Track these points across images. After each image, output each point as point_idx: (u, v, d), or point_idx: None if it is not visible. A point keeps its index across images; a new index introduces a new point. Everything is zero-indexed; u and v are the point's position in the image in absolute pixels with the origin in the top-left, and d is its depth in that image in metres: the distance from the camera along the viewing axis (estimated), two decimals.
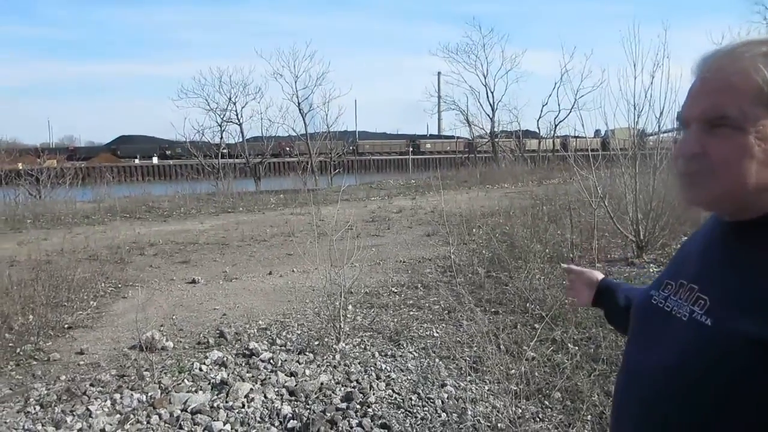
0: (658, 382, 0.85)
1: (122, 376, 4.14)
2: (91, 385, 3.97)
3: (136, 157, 45.77)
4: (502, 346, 4.10)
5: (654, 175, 7.20)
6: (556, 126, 33.26)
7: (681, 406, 0.81)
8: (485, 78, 33.04)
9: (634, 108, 7.50)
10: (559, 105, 33.61)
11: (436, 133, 59.75)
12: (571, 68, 42.26)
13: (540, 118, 33.91)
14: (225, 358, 4.31)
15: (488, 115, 33.83)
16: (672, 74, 7.12)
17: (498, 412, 3.27)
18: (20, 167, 23.20)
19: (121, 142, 52.64)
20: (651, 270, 6.40)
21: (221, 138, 26.75)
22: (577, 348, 4.10)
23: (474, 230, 9.50)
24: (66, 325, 5.42)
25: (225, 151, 27.06)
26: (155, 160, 43.81)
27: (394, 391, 3.65)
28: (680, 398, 0.81)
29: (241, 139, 27.27)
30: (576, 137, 30.83)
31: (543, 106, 33.25)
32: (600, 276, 1.37)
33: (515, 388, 3.39)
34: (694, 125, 0.83)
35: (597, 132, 28.75)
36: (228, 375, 4.01)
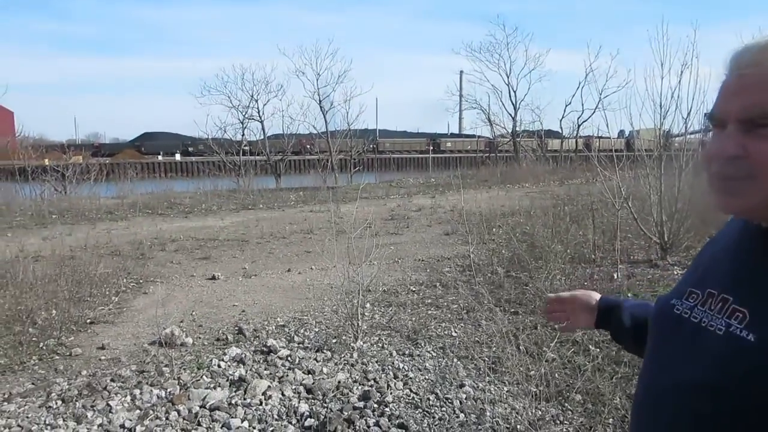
0: (690, 401, 0.79)
1: (142, 372, 4.18)
2: (112, 380, 4.02)
3: (159, 154, 46.40)
4: (521, 347, 4.04)
5: (680, 177, 7.05)
6: (579, 126, 32.86)
7: (717, 427, 0.75)
8: (508, 77, 32.77)
9: (660, 108, 7.36)
10: (582, 105, 33.23)
11: (457, 132, 59.56)
12: (596, 68, 41.52)
13: (563, 117, 33.52)
14: (243, 355, 4.32)
15: (510, 115, 33.56)
16: (701, 75, 6.96)
17: (517, 413, 3.22)
18: (47, 163, 23.65)
19: (145, 139, 53.42)
20: (675, 272, 6.27)
21: (243, 135, 26.97)
22: (598, 350, 4.02)
23: (494, 229, 9.42)
24: (88, 320, 5.49)
25: (246, 148, 27.25)
26: (178, 156, 44.35)
27: (411, 390, 3.63)
28: (717, 420, 0.75)
29: (262, 137, 27.44)
30: (599, 137, 30.46)
31: (566, 105, 32.88)
32: (596, 296, 1.28)
33: (535, 390, 3.34)
34: (732, 125, 0.76)
35: (621, 132, 28.35)
36: (246, 372, 4.02)
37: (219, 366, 4.17)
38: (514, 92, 32.93)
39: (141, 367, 4.29)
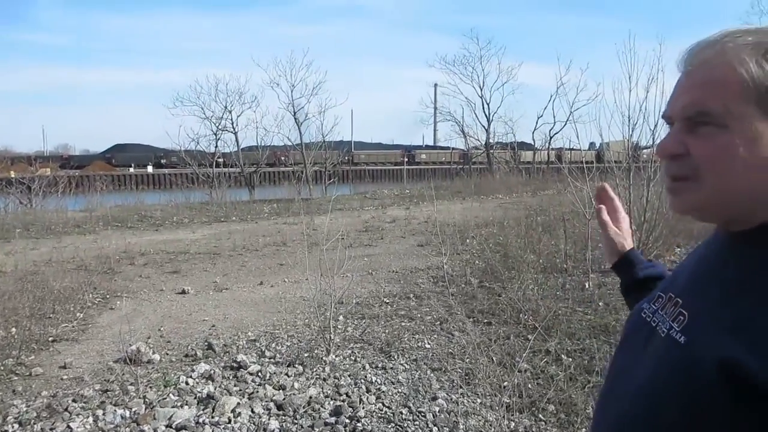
0: (630, 405, 0.77)
1: (106, 391, 4.03)
2: (74, 400, 3.87)
3: (131, 166, 45.65)
4: (494, 358, 4.02)
5: (648, 187, 7.17)
6: (551, 138, 33.40)
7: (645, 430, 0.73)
8: (481, 89, 33.22)
9: (629, 120, 7.51)
10: (554, 117, 33.83)
11: (432, 143, 59.89)
12: (567, 81, 42.36)
13: (535, 130, 34.06)
14: (212, 371, 4.21)
15: (484, 127, 33.97)
16: (667, 88, 7.11)
17: (490, 425, 3.19)
18: (12, 175, 23.05)
19: (116, 151, 52.55)
20: None
21: (216, 147, 26.67)
22: (570, 359, 4.03)
23: (467, 240, 9.44)
24: (50, 338, 5.31)
25: (220, 160, 26.95)
26: (150, 168, 43.68)
27: (384, 404, 3.57)
28: (645, 423, 0.73)
29: (236, 148, 27.19)
30: (571, 149, 30.97)
31: (538, 118, 33.40)
32: (631, 243, 1.25)
33: (508, 401, 3.32)
34: (677, 123, 0.76)
35: (591, 144, 28.88)
36: (215, 389, 3.92)
37: (187, 383, 4.05)
38: (488, 105, 33.41)
39: (105, 386, 4.14)
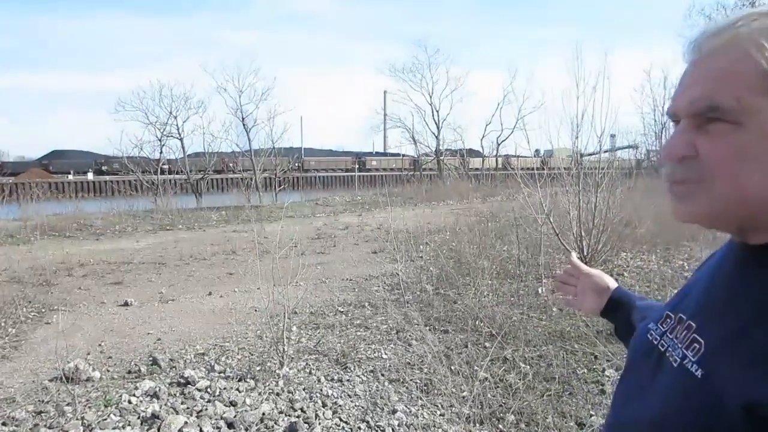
0: None
1: (40, 413, 3.74)
2: (3, 424, 3.56)
3: (69, 173, 43.65)
4: (453, 367, 3.96)
5: (596, 193, 7.33)
6: (498, 145, 34.08)
7: None
8: (431, 97, 33.61)
9: (577, 127, 7.67)
10: (501, 125, 34.51)
11: (382, 150, 60.09)
12: (513, 90, 43.45)
13: (483, 137, 34.71)
14: (157, 389, 3.97)
15: (433, 134, 34.38)
16: (612, 96, 7.32)
17: None
18: None
19: (54, 157, 50.20)
20: None
21: (161, 153, 25.84)
22: (528, 367, 4.01)
23: (421, 247, 9.42)
24: None
25: (165, 166, 26.12)
26: (90, 175, 41.91)
27: (341, 419, 3.44)
28: None
29: (182, 155, 26.42)
30: (518, 156, 31.69)
31: (486, 125, 34.07)
32: (613, 283, 1.17)
33: (468, 412, 3.25)
34: (684, 121, 0.67)
35: (536, 152, 29.62)
36: (160, 407, 3.69)
37: (129, 402, 3.81)
38: (437, 112, 33.81)
39: (39, 407, 3.84)
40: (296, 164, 37.93)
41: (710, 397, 0.60)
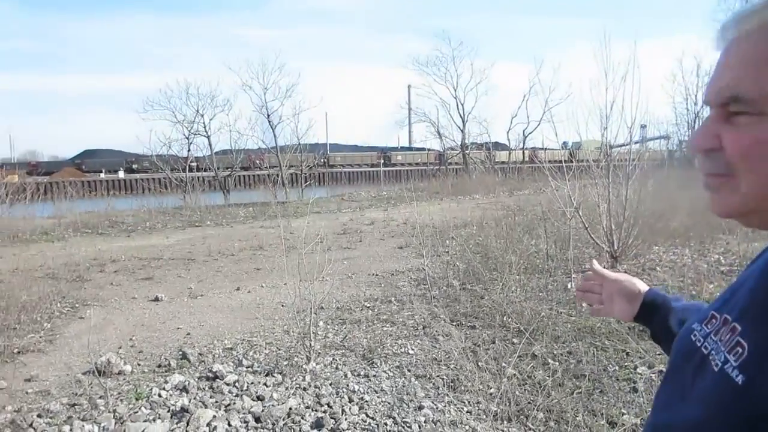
0: None
1: (73, 405, 3.82)
2: (39, 416, 3.65)
3: (101, 171, 44.67)
4: (480, 363, 3.92)
5: (626, 185, 7.16)
6: (525, 137, 33.66)
7: None
8: (455, 90, 33.34)
9: (607, 119, 7.49)
10: (528, 117, 34.07)
11: (408, 145, 59.95)
12: (540, 81, 42.84)
13: (510, 129, 34.34)
14: (187, 383, 4.02)
15: (459, 127, 34.11)
16: (643, 85, 7.14)
17: None
18: None
19: (86, 156, 51.47)
20: None
21: (189, 151, 26.24)
22: (557, 363, 3.94)
23: (447, 242, 9.36)
24: (16, 350, 5.05)
25: (194, 164, 26.52)
26: (121, 173, 42.83)
27: (367, 415, 3.43)
28: None
29: (209, 152, 26.78)
30: (545, 149, 31.26)
31: (512, 117, 33.68)
32: (643, 287, 1.11)
33: (495, 409, 3.21)
34: (712, 111, 0.63)
35: (564, 144, 29.17)
36: (189, 401, 3.73)
37: (160, 395, 3.86)
38: (462, 105, 33.53)
39: (72, 399, 3.93)
40: (322, 160, 38.07)
41: (750, 406, 0.56)
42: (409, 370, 4.11)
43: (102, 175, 42.43)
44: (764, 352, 0.58)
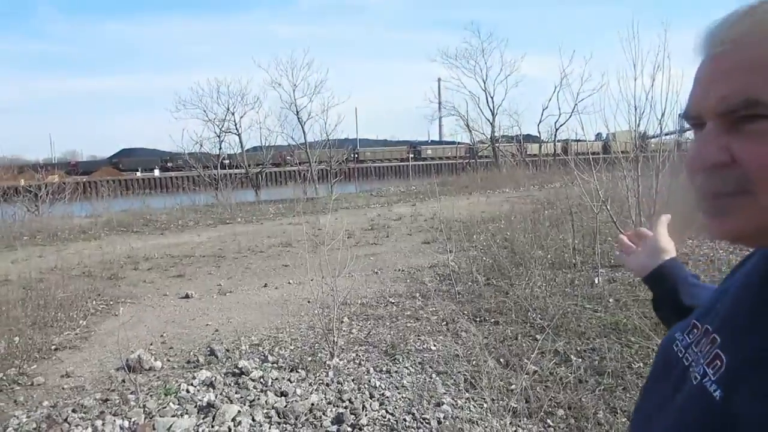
0: None
1: (106, 400, 3.96)
2: (73, 411, 3.80)
3: (137, 170, 45.81)
4: (502, 360, 3.91)
5: (656, 178, 7.00)
6: (556, 130, 33.13)
7: None
8: (485, 83, 32.98)
9: (635, 110, 7.33)
10: (559, 109, 33.60)
11: (437, 139, 59.70)
12: (571, 72, 42.07)
13: (540, 122, 33.86)
14: (213, 378, 4.13)
15: (488, 120, 33.75)
16: (673, 74, 6.94)
17: None
18: (21, 183, 23.14)
19: (123, 156, 52.79)
20: None
21: (220, 149, 26.68)
22: (580, 360, 3.90)
23: (474, 236, 9.31)
24: (53, 347, 5.25)
25: (226, 161, 26.95)
26: (157, 172, 43.83)
27: (387, 411, 3.46)
28: None
29: (240, 150, 27.19)
30: (577, 141, 30.71)
31: (543, 110, 33.18)
32: (669, 252, 1.05)
33: (515, 406, 3.20)
34: (711, 123, 0.58)
35: (598, 135, 28.59)
36: (216, 396, 3.83)
37: (187, 391, 3.98)
38: (492, 98, 33.16)
39: (105, 395, 4.07)
40: (352, 155, 38.23)
41: (728, 423, 0.54)
42: (430, 367, 4.12)
43: (138, 174, 43.52)
44: (741, 368, 0.57)
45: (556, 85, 33.30)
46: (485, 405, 3.38)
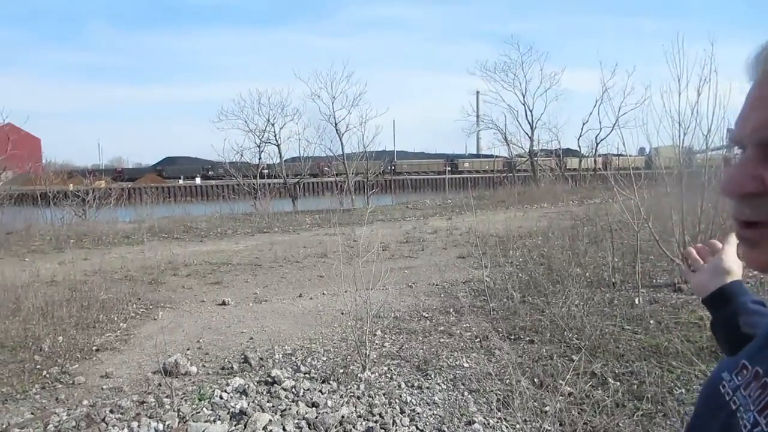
0: None
1: (142, 403, 4.05)
2: (111, 411, 3.90)
3: (180, 178, 47.02)
4: (536, 380, 3.83)
5: (702, 195, 6.78)
6: (597, 144, 32.49)
7: None
8: (524, 96, 32.60)
9: (680, 125, 7.13)
10: (600, 123, 32.83)
11: (475, 152, 59.33)
12: (612, 85, 41.31)
13: (581, 136, 33.20)
14: (246, 386, 4.17)
15: (527, 134, 33.33)
16: (720, 89, 6.73)
17: None
18: (71, 188, 24.03)
19: (167, 164, 54.30)
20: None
21: (260, 158, 27.17)
22: (618, 383, 3.79)
23: (510, 252, 9.19)
24: (94, 347, 5.41)
25: (265, 171, 27.41)
26: (198, 180, 44.88)
27: (417, 427, 3.43)
28: None
29: (279, 160, 27.62)
30: (618, 156, 30.04)
31: (584, 124, 32.55)
32: (734, 274, 1.01)
33: (549, 428, 3.13)
34: (749, 150, 0.57)
35: (641, 150, 27.91)
36: (248, 404, 3.87)
37: (221, 397, 4.03)
38: (531, 111, 32.74)
39: (142, 397, 4.17)
40: (389, 167, 38.32)
41: None
42: (462, 384, 4.07)
43: (180, 182, 44.65)
44: None
45: (597, 98, 32.62)
46: (517, 426, 3.32)
